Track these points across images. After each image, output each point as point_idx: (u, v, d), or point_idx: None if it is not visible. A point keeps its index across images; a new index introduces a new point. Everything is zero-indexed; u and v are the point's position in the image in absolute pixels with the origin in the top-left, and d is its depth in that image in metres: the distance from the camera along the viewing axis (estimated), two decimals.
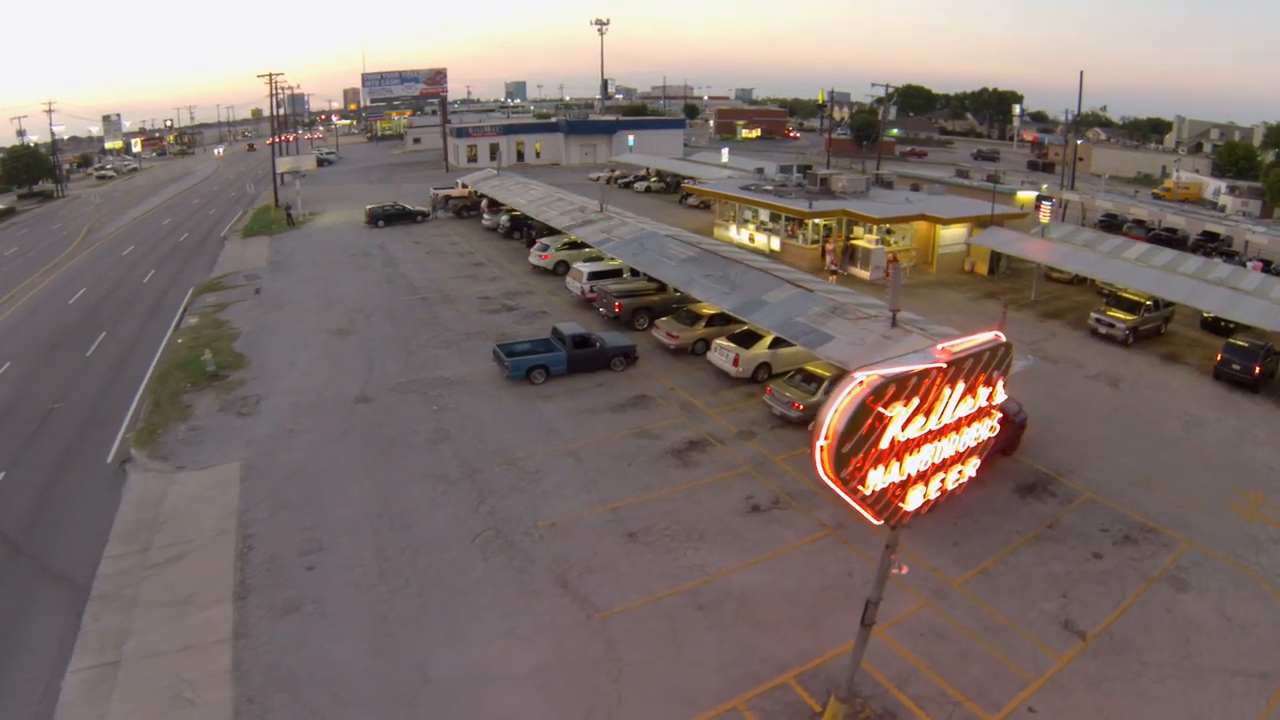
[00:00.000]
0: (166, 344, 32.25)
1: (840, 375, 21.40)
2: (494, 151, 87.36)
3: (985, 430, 9.66)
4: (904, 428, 8.50)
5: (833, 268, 38.50)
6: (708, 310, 27.19)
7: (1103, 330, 32.03)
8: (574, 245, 37.97)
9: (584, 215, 37.60)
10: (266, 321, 34.12)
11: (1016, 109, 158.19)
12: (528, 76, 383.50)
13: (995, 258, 40.32)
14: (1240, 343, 28.14)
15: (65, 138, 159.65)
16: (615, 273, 32.95)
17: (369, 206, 56.58)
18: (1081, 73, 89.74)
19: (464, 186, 59.32)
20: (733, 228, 47.39)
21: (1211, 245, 51.91)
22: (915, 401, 8.40)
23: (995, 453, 20.57)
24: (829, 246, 39.72)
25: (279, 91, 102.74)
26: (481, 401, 25.00)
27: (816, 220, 41.15)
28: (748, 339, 24.99)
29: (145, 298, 40.54)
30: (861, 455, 8.26)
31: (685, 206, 61.28)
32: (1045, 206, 37.40)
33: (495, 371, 26.73)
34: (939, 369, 8.53)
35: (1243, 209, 73.45)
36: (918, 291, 37.28)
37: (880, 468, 8.51)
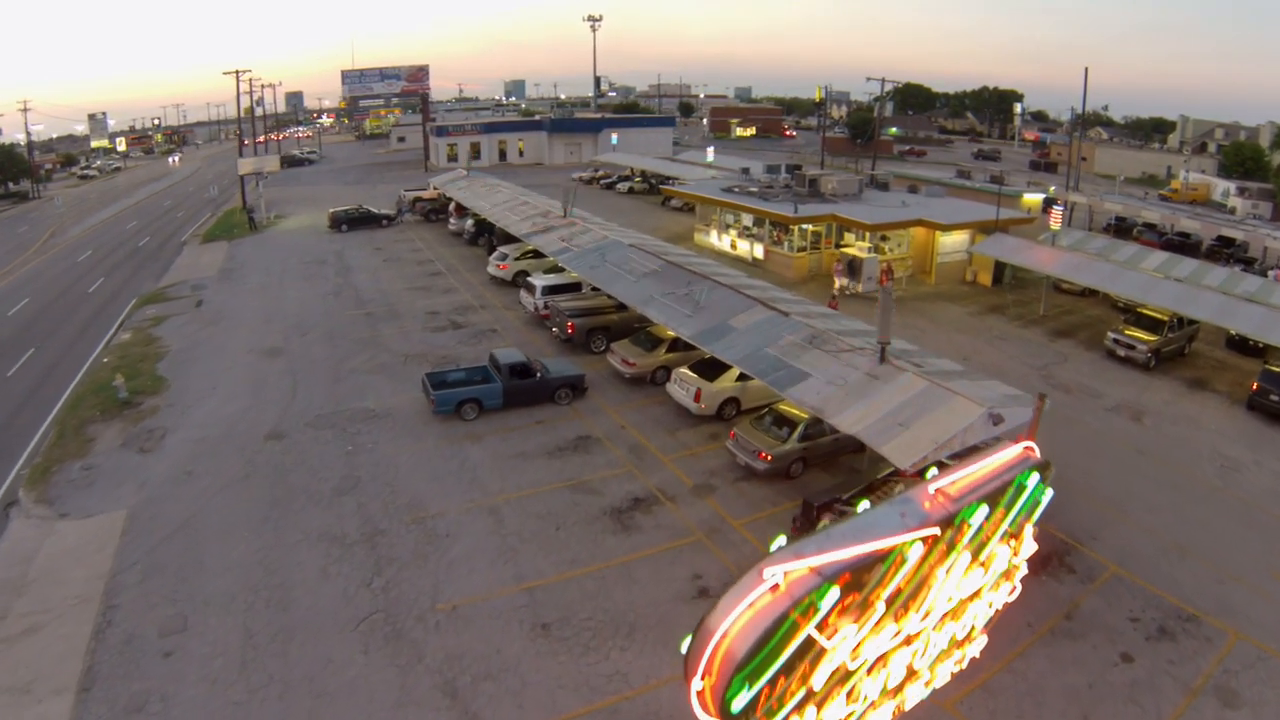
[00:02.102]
0: (92, 364, 29.34)
1: (815, 421, 17.92)
2: (475, 151, 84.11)
3: (1002, 596, 6.09)
4: (856, 651, 4.89)
5: (832, 308, 34.29)
6: (671, 333, 23.68)
7: (1121, 352, 28.49)
8: (536, 254, 34.48)
9: (546, 221, 34.12)
10: (199, 338, 31.07)
11: (1018, 108, 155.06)
12: (527, 75, 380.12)
13: (1000, 266, 36.77)
14: (1279, 369, 24.66)
15: (54, 136, 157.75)
16: (575, 286, 29.43)
17: (331, 210, 53.41)
18: (1086, 69, 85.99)
19: (435, 189, 55.98)
20: (714, 233, 43.81)
21: (1227, 251, 48.54)
22: (879, 606, 4.79)
23: None
24: (838, 268, 35.34)
25: (257, 90, 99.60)
26: (402, 441, 21.62)
27: (804, 226, 37.60)
28: (712, 369, 21.39)
29: (86, 309, 37.72)
30: (775, 700, 4.71)
31: (668, 209, 57.73)
32: (1055, 212, 33.80)
33: (425, 402, 23.33)
34: (929, 538, 4.94)
35: (1253, 211, 70.09)
36: (914, 305, 33.78)
37: (810, 711, 4.99)
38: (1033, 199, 47.17)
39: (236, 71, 68.29)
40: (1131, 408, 24.95)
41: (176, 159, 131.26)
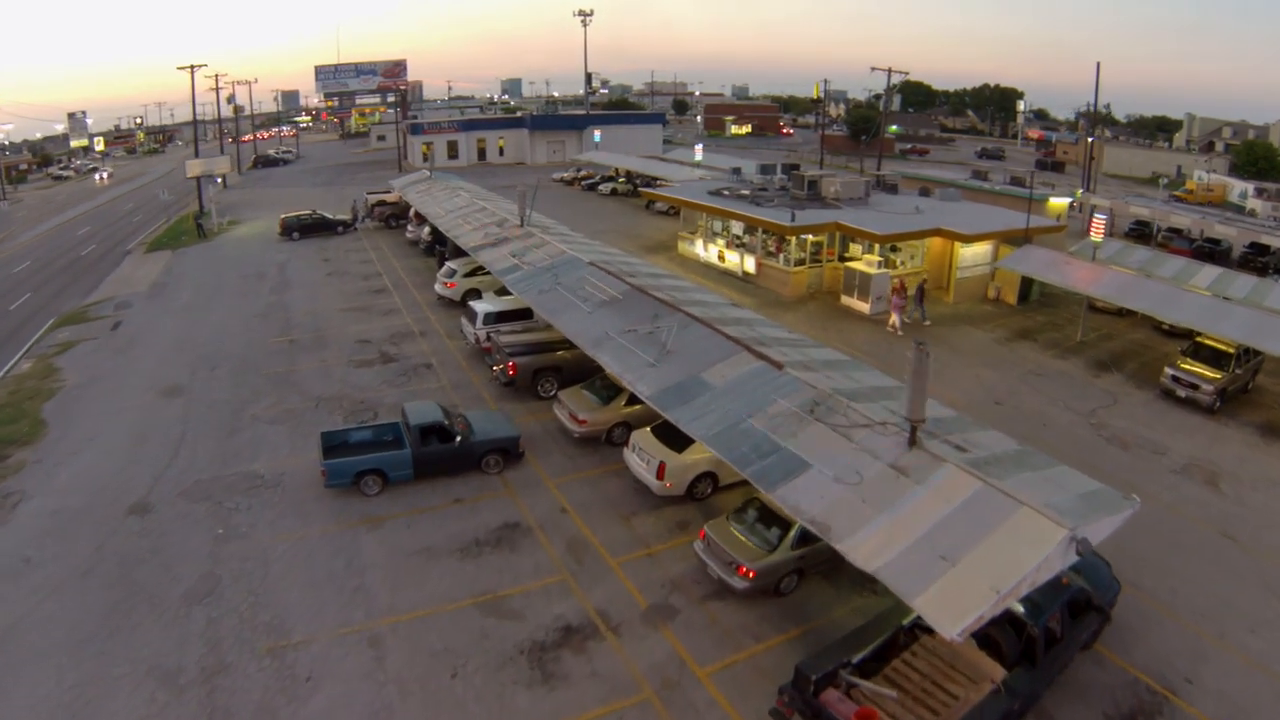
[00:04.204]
0: None
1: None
2: (452, 150, 79.34)
3: None
4: None
5: (895, 319, 28.70)
6: None
7: (1181, 393, 23.65)
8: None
9: (500, 231, 29.23)
10: (101, 371, 26.51)
11: (1021, 105, 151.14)
12: (524, 74, 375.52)
13: (1026, 283, 31.92)
14: None
15: (39, 136, 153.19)
16: (525, 313, 24.50)
17: (283, 216, 48.64)
18: (1099, 64, 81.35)
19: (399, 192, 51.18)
20: (699, 242, 38.80)
21: (1262, 260, 43.91)
22: None
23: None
24: (896, 301, 28.62)
25: (227, 87, 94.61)
26: (284, 523, 16.85)
27: (805, 236, 32.62)
28: (682, 434, 16.39)
29: None
30: None
31: (653, 213, 52.78)
32: (1099, 221, 28.81)
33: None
34: None
35: (1273, 214, 65.59)
36: (931, 330, 28.88)
37: None
38: (1059, 203, 42.17)
39: (191, 67, 63.65)
40: (1203, 468, 20.13)
41: (105, 175, 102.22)
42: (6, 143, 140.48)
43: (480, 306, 24.66)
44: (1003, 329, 29.65)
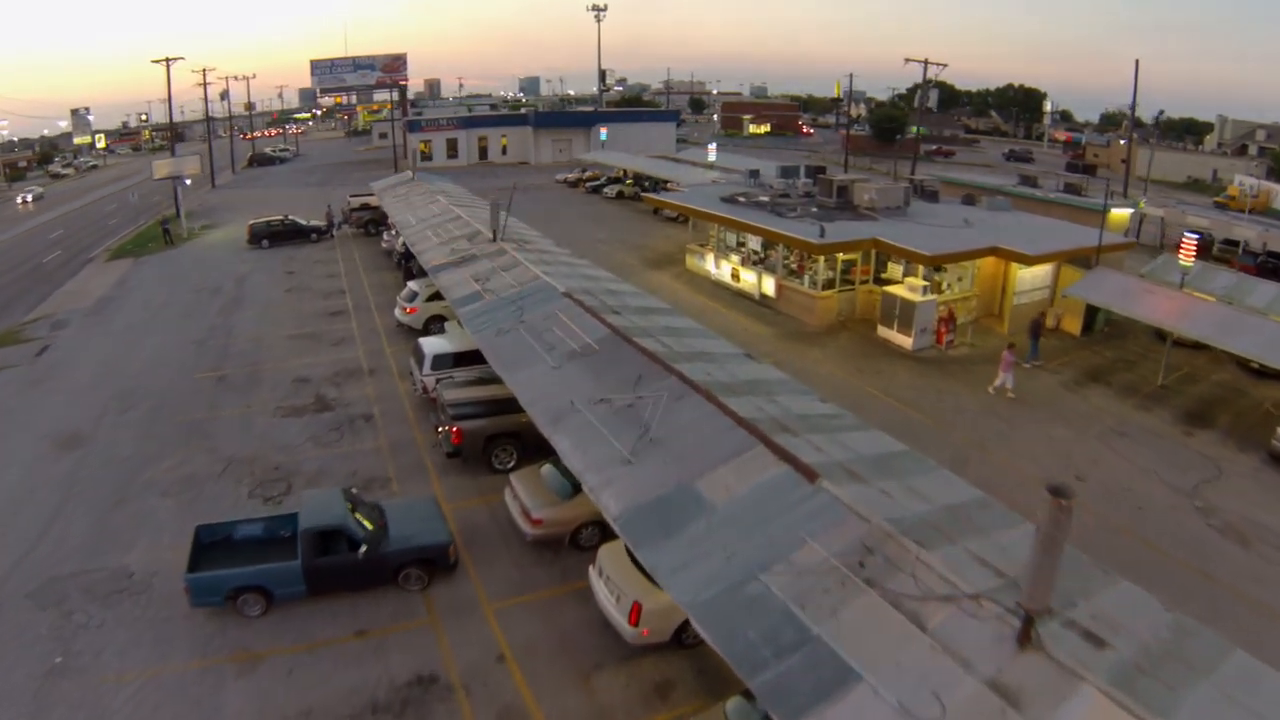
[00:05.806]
0: None
1: None
2: (452, 148, 75.17)
3: None
4: None
5: (1003, 381, 22.22)
6: None
7: None
8: None
9: (469, 247, 24.76)
10: (4, 410, 22.50)
11: (1048, 106, 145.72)
12: (542, 72, 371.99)
13: (1091, 310, 27.02)
14: None
15: (45, 133, 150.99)
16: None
17: (251, 222, 44.55)
18: (1137, 61, 76.09)
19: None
20: (709, 257, 34.05)
21: None
22: None
23: None
24: (1008, 357, 22.26)
25: (217, 83, 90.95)
26: (135, 652, 12.58)
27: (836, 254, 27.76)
28: None
29: None
30: None
31: (661, 219, 48.06)
32: (1189, 241, 23.80)
33: None
34: None
35: None
36: (987, 370, 23.91)
37: None
38: (1121, 214, 37.01)
39: (166, 60, 59.64)
40: None
41: (28, 198, 74.78)
42: (15, 139, 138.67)
43: (430, 346, 20.04)
44: (1069, 368, 24.76)
